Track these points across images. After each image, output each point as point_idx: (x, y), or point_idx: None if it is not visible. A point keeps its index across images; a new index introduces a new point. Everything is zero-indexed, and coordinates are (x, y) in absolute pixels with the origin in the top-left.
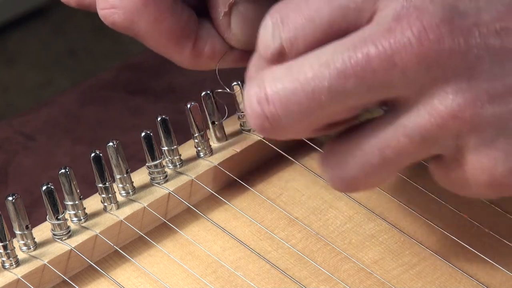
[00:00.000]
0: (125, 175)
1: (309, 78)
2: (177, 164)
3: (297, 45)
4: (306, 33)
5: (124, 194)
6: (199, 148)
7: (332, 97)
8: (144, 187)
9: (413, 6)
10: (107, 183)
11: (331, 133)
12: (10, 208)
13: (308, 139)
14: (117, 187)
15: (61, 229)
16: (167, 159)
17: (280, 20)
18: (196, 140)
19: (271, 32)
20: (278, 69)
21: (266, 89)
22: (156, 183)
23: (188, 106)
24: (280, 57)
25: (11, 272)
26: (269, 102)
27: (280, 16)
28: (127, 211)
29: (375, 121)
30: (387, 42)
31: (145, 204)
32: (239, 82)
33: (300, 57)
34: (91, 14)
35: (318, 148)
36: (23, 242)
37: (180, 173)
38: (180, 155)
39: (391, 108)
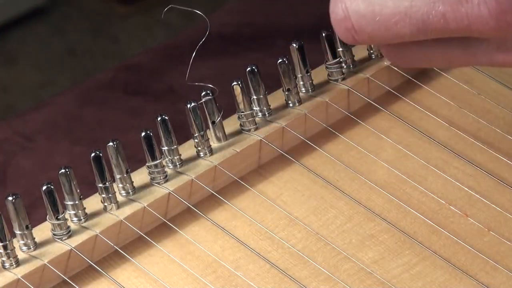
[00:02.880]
0: (125, 175)
1: (391, 23)
2: (177, 164)
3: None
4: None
5: (124, 194)
6: (199, 148)
7: (410, 38)
8: (144, 187)
9: None
10: (107, 183)
11: None
12: (10, 208)
13: (308, 139)
14: (117, 187)
15: (61, 229)
16: (167, 159)
17: None
18: (196, 140)
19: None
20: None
21: (351, 20)
22: (156, 183)
23: (188, 106)
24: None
25: (11, 272)
26: (357, 34)
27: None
28: (127, 211)
29: (449, 43)
30: (464, 12)
31: (145, 204)
32: (239, 82)
33: None
34: (91, 14)
35: (318, 148)
36: (23, 242)
37: (180, 173)
38: (180, 155)
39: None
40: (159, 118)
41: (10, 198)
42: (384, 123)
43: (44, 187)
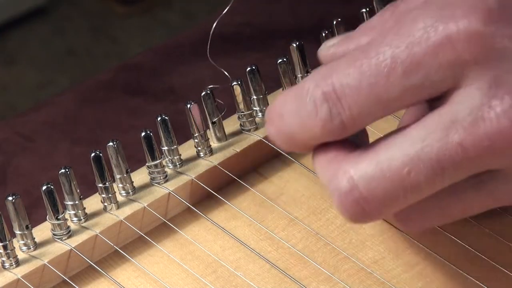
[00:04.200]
0: (125, 175)
1: (403, 175)
2: (177, 164)
3: (360, 121)
4: (371, 111)
5: (124, 194)
6: (199, 148)
7: (429, 187)
8: (144, 187)
9: (504, 89)
10: (107, 183)
11: None
12: (10, 208)
13: None
14: (117, 187)
15: (61, 229)
16: (167, 159)
17: (337, 96)
18: (196, 140)
19: (327, 109)
20: (363, 163)
21: (359, 188)
22: (156, 183)
23: (188, 106)
24: (339, 132)
25: (11, 272)
26: (368, 203)
27: (335, 89)
28: (127, 211)
29: (464, 187)
30: (483, 131)
31: (145, 204)
32: (239, 82)
33: (383, 146)
34: (91, 14)
35: None
36: (23, 242)
37: (180, 173)
38: (180, 155)
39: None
40: (159, 118)
41: (10, 198)
42: (383, 124)
43: (44, 187)
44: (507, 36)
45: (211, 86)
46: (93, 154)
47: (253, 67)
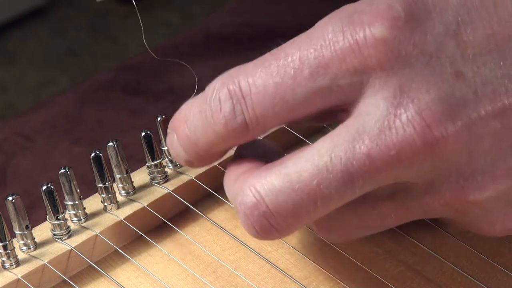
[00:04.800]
0: (125, 175)
1: (313, 186)
2: (177, 164)
3: (264, 122)
4: (276, 112)
5: (124, 194)
6: None
7: (339, 198)
8: (144, 187)
9: (409, 97)
10: (107, 183)
11: None
12: (10, 208)
13: (308, 138)
14: (117, 187)
15: (61, 229)
16: (167, 159)
17: (242, 94)
18: None
19: (231, 106)
20: (271, 176)
21: (266, 201)
22: (156, 183)
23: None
24: (243, 132)
25: (11, 272)
26: (274, 217)
27: (241, 87)
28: (127, 211)
29: (377, 197)
30: (390, 140)
31: (145, 204)
32: None
33: (291, 159)
34: (91, 14)
35: None
36: (23, 242)
37: (180, 173)
38: None
39: (393, 189)
40: (159, 118)
41: (10, 198)
42: None
43: (44, 187)
44: (413, 43)
45: None
46: (93, 154)
47: None
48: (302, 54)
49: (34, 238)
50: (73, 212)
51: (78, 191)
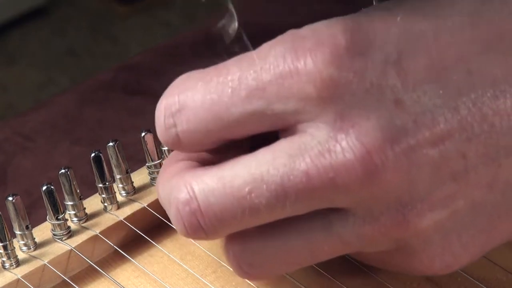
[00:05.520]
0: (125, 175)
1: (244, 193)
2: None
3: (196, 138)
4: (210, 129)
5: (124, 194)
6: None
7: (269, 212)
8: (144, 187)
9: (349, 123)
10: (107, 183)
11: None
12: (10, 208)
13: None
14: (117, 187)
15: (61, 229)
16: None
17: (178, 107)
18: None
19: (164, 119)
20: (207, 176)
21: (198, 200)
22: None
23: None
24: (175, 145)
25: (11, 272)
26: (203, 216)
27: (178, 100)
28: (127, 211)
29: (306, 222)
30: (329, 163)
31: (145, 204)
32: None
33: (230, 163)
34: (91, 14)
35: None
36: (23, 242)
37: None
38: None
39: (325, 213)
40: None
41: (10, 198)
42: None
43: (44, 187)
44: (353, 71)
45: None
46: (93, 154)
47: None
48: (242, 74)
49: (34, 238)
50: (73, 212)
51: (78, 191)
